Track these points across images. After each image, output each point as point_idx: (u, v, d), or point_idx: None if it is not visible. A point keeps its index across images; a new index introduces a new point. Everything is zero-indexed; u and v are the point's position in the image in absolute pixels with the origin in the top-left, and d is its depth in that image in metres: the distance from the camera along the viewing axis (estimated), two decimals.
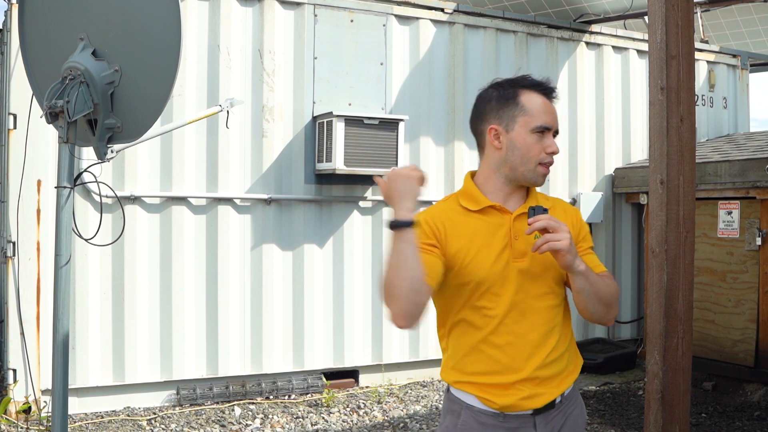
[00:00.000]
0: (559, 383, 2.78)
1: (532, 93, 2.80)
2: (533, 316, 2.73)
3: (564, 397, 2.80)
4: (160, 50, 3.56)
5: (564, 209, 2.93)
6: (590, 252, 2.87)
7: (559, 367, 2.78)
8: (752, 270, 7.48)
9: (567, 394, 2.82)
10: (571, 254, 2.60)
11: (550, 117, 2.78)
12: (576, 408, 2.88)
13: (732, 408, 7.22)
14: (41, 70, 3.98)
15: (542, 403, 2.73)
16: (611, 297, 2.78)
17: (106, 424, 6.56)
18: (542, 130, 2.77)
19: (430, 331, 8.05)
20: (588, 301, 2.70)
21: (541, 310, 2.75)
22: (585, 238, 2.90)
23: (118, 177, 6.85)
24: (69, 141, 3.62)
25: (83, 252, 6.66)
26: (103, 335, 6.85)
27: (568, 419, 2.83)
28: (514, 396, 2.72)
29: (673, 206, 4.38)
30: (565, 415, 2.81)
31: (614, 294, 2.80)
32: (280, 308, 7.49)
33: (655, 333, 4.44)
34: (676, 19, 4.36)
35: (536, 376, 2.72)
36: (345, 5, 7.76)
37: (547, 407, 2.75)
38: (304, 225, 7.59)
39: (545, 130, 2.77)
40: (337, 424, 6.77)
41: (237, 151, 7.33)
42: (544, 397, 2.74)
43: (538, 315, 2.74)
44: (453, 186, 8.23)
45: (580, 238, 2.87)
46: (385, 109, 7.92)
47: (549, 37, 8.93)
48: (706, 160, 7.88)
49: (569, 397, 2.84)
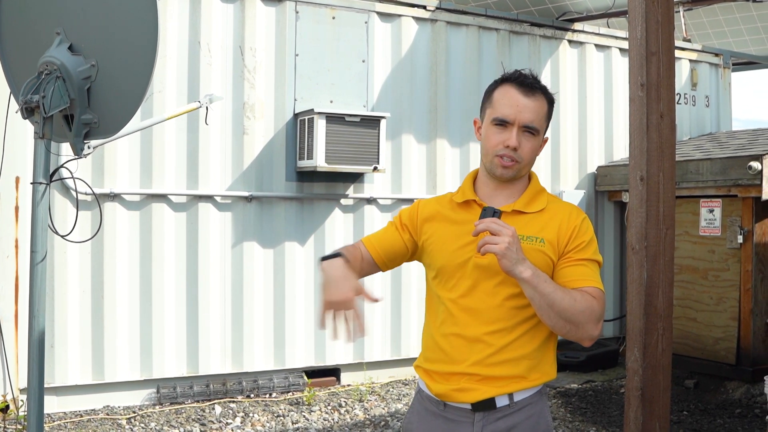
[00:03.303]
0: (504, 385, 2.70)
1: (508, 86, 2.80)
2: (485, 313, 2.71)
3: (513, 402, 2.71)
4: (137, 45, 3.53)
5: (556, 215, 2.79)
6: (581, 264, 2.71)
7: (510, 370, 2.70)
8: (734, 268, 7.51)
9: (518, 400, 2.72)
10: (509, 259, 2.52)
11: (511, 110, 2.73)
12: (529, 420, 2.73)
13: (713, 405, 7.24)
14: (17, 64, 3.94)
15: (475, 398, 2.70)
16: (576, 314, 2.59)
17: (85, 423, 6.51)
18: (501, 122, 2.75)
19: (412, 330, 8.05)
20: (542, 312, 2.61)
21: (494, 308, 2.71)
22: (579, 249, 2.73)
23: (98, 174, 6.80)
24: (45, 136, 3.58)
25: (62, 249, 6.61)
26: (82, 333, 6.80)
27: (515, 429, 2.72)
28: (449, 386, 2.73)
29: (653, 203, 4.38)
30: (512, 424, 2.72)
31: (581, 311, 2.59)
32: (261, 306, 7.46)
33: (635, 330, 4.44)
34: (656, 15, 4.35)
35: (476, 372, 2.70)
36: (327, 2, 7.73)
37: (486, 406, 2.70)
38: (285, 222, 7.56)
39: (506, 123, 2.74)
40: (318, 422, 6.75)
41: (218, 149, 7.30)
42: (478, 393, 2.69)
43: (490, 313, 2.71)
44: (435, 183, 8.22)
45: (570, 248, 2.73)
46: (366, 106, 7.90)
47: (531, 35, 8.93)
48: (688, 158, 7.90)
49: (522, 405, 2.73)
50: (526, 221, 2.77)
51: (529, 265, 2.56)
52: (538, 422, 2.74)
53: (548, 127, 2.87)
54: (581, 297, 2.61)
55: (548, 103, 2.82)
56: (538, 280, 2.55)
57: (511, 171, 2.77)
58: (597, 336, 2.65)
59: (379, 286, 7.93)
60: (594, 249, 2.77)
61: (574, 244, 2.73)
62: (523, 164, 2.78)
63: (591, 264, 2.73)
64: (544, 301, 2.56)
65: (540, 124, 2.78)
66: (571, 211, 2.81)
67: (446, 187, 8.20)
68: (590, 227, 2.80)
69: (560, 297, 2.57)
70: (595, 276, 2.71)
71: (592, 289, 2.65)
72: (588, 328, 2.62)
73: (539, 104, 2.77)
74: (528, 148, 2.76)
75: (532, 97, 2.76)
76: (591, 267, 2.72)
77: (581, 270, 2.69)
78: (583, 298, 2.61)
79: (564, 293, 2.59)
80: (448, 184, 8.19)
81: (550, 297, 2.56)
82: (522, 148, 2.74)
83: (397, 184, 8.07)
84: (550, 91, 2.87)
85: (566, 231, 2.74)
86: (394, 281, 8.02)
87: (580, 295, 2.62)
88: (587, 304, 2.61)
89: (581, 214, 2.82)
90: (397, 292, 8.04)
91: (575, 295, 2.61)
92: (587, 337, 2.64)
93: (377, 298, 2.76)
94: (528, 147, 2.76)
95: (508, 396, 2.70)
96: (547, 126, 2.85)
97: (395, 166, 8.07)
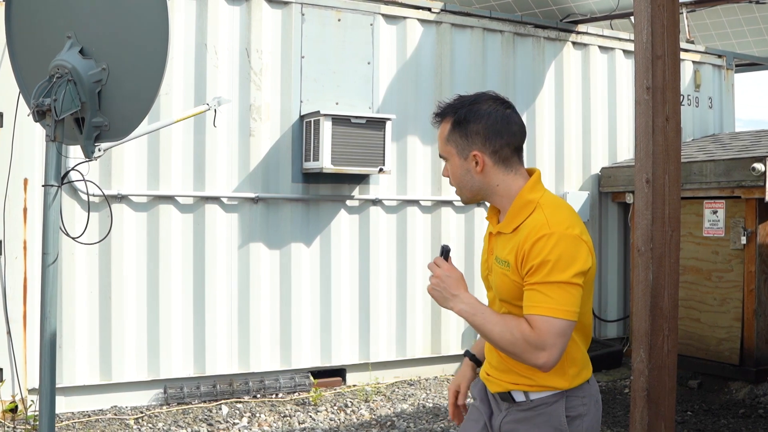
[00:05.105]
0: (515, 384, 2.86)
1: None
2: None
3: (530, 400, 2.83)
4: (147, 49, 3.56)
5: (520, 235, 2.72)
6: (531, 288, 2.64)
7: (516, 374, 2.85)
8: (737, 269, 7.53)
9: (534, 399, 2.82)
10: (436, 298, 2.80)
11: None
12: (542, 416, 2.81)
13: (717, 405, 7.26)
14: (28, 68, 3.98)
15: (494, 390, 2.95)
16: (507, 345, 2.64)
17: (93, 423, 6.55)
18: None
19: (417, 331, 8.09)
20: (488, 341, 2.79)
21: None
22: (531, 273, 2.64)
23: (105, 176, 6.84)
24: (56, 139, 3.62)
25: (70, 251, 6.65)
26: (90, 334, 6.84)
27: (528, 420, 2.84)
28: (484, 375, 3.06)
29: (659, 205, 4.41)
30: (528, 416, 2.84)
31: (512, 342, 2.62)
32: (267, 307, 7.50)
33: (640, 331, 4.47)
34: (662, 19, 4.38)
35: (494, 369, 2.95)
36: (332, 4, 7.77)
37: (507, 398, 2.90)
38: (291, 224, 7.60)
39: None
40: (325, 422, 6.78)
41: (224, 150, 7.33)
42: (496, 385, 2.93)
43: None
44: (440, 185, 8.26)
45: (524, 272, 2.67)
46: (372, 108, 7.94)
47: (536, 36, 8.96)
48: (692, 159, 7.92)
49: (538, 404, 2.82)
50: (503, 242, 2.83)
51: (463, 300, 2.74)
52: (551, 419, 2.79)
53: (466, 142, 2.83)
54: (514, 327, 2.63)
55: (452, 123, 2.86)
56: (467, 314, 2.73)
57: (460, 197, 2.98)
58: (545, 364, 2.60)
59: (384, 287, 7.97)
60: (549, 270, 2.61)
61: (525, 268, 2.67)
62: (456, 190, 2.95)
63: (544, 287, 2.61)
64: (480, 333, 2.74)
65: (444, 149, 2.90)
66: (530, 231, 2.69)
67: (451, 188, 8.20)
68: (549, 246, 2.63)
69: (489, 329, 2.68)
70: (545, 302, 2.60)
71: (532, 317, 2.62)
72: (527, 357, 2.62)
73: (441, 130, 2.90)
74: (450, 173, 2.92)
75: (437, 127, 2.94)
76: (543, 291, 2.61)
77: (530, 295, 2.65)
78: (516, 328, 2.63)
79: (495, 325, 2.67)
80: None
81: (481, 329, 2.71)
82: (450, 176, 2.94)
83: (403, 185, 8.10)
84: (461, 104, 2.90)
85: (520, 254, 2.69)
86: (399, 282, 8.05)
87: (516, 326, 2.64)
88: (519, 335, 2.61)
89: (541, 231, 2.66)
90: (402, 293, 8.07)
91: (510, 326, 2.65)
92: (534, 365, 2.64)
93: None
94: (450, 173, 2.92)
95: (524, 393, 2.83)
96: (463, 142, 2.83)
97: (401, 167, 8.11)
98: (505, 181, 2.83)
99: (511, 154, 2.83)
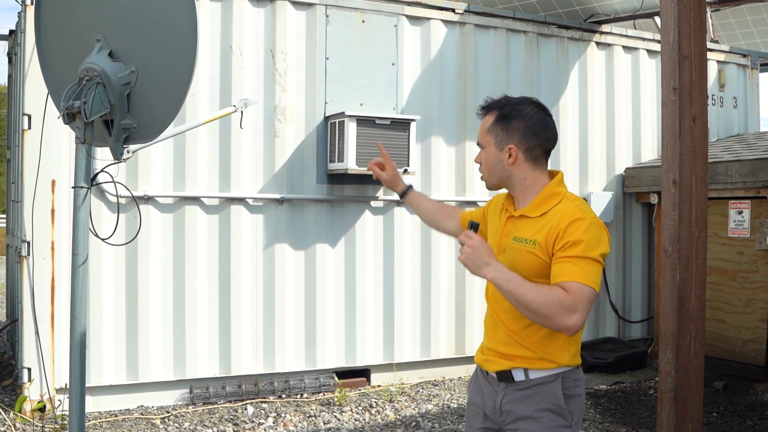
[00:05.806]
0: (516, 362, 3.10)
1: None
2: (503, 301, 3.08)
3: (529, 379, 3.08)
4: (176, 51, 3.57)
5: (552, 218, 3.04)
6: (565, 261, 2.93)
7: (521, 351, 3.09)
8: (763, 269, 7.49)
9: (533, 378, 3.08)
10: (469, 266, 2.94)
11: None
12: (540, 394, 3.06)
13: (743, 407, 7.22)
14: (57, 71, 4.01)
15: (494, 369, 3.17)
16: (539, 306, 2.84)
17: (120, 422, 6.60)
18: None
19: (441, 331, 8.10)
20: (516, 307, 2.94)
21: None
22: (565, 248, 2.94)
23: (132, 177, 6.89)
24: (86, 141, 3.64)
25: (97, 251, 6.70)
26: (116, 334, 6.89)
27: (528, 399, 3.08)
28: (482, 357, 3.28)
29: (686, 206, 4.40)
30: (526, 395, 3.08)
31: (546, 303, 2.84)
32: (292, 307, 7.53)
33: (668, 332, 4.46)
34: (689, 19, 4.37)
35: (496, 349, 3.18)
36: (356, 6, 7.79)
37: (506, 377, 3.13)
38: (316, 225, 7.62)
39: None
40: (350, 422, 6.80)
41: (249, 151, 7.37)
42: (496, 364, 3.16)
43: (505, 302, 3.03)
44: (464, 186, 8.26)
45: (557, 247, 2.96)
46: (396, 109, 7.95)
47: (559, 37, 8.95)
48: (717, 159, 7.89)
49: (537, 382, 3.07)
50: (528, 224, 3.11)
51: (496, 268, 2.91)
52: (548, 396, 3.06)
53: (506, 135, 3.16)
54: (548, 291, 2.88)
55: (497, 117, 3.18)
56: (501, 281, 2.89)
57: (484, 181, 3.29)
58: (574, 326, 2.84)
59: (408, 288, 7.98)
60: (583, 247, 2.92)
61: (560, 243, 2.95)
62: (484, 175, 3.26)
63: (577, 261, 2.91)
64: (511, 298, 2.90)
65: (483, 138, 3.22)
66: (563, 214, 3.02)
67: (475, 189, 8.24)
68: (582, 228, 2.96)
69: (523, 293, 2.86)
70: (579, 272, 2.89)
71: (568, 283, 2.87)
72: (558, 319, 2.84)
73: (484, 121, 3.23)
74: (483, 160, 3.24)
75: (480, 118, 3.27)
76: (576, 263, 2.90)
77: (563, 267, 2.92)
78: (551, 291, 2.87)
79: (529, 289, 2.88)
80: (477, 186, 8.23)
81: (515, 293, 2.87)
82: (482, 163, 3.26)
83: (427, 186, 8.11)
84: (507, 102, 3.22)
85: (554, 232, 2.98)
86: (423, 282, 8.06)
87: (549, 290, 2.88)
88: (554, 296, 2.85)
89: (575, 215, 2.99)
90: (426, 293, 8.08)
91: (542, 289, 2.89)
92: (562, 328, 2.87)
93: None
94: (483, 160, 3.24)
95: (523, 371, 3.09)
96: (503, 135, 3.16)
97: (425, 168, 8.12)
98: (532, 176, 3.17)
99: (541, 154, 3.20)
